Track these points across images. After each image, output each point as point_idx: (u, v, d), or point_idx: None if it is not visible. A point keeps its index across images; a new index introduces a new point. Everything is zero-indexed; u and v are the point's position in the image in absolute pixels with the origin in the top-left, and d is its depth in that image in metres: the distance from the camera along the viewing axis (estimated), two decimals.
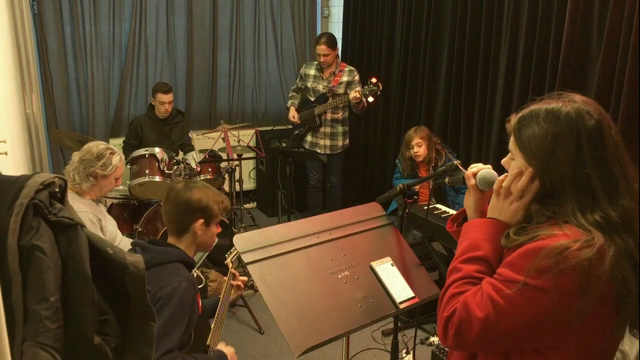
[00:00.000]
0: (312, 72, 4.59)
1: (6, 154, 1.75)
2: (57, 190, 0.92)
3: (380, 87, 4.15)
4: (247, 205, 5.35)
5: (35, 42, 4.25)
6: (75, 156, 2.77)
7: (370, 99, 4.19)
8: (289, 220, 4.21)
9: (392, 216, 2.98)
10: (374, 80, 4.15)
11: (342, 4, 5.25)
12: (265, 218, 5.32)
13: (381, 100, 4.85)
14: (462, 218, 1.51)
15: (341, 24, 5.33)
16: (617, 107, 2.83)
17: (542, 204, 1.21)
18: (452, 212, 3.43)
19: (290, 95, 4.80)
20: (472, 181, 1.42)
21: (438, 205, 3.54)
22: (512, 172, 1.26)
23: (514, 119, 1.28)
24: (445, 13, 4.14)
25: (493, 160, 3.67)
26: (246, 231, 4.38)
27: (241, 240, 1.58)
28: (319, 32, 5.75)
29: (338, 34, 5.44)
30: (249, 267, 1.53)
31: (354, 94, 4.20)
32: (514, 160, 1.27)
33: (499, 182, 1.30)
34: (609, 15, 2.86)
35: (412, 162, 3.89)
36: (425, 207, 3.48)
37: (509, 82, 3.57)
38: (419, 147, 3.82)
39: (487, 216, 1.31)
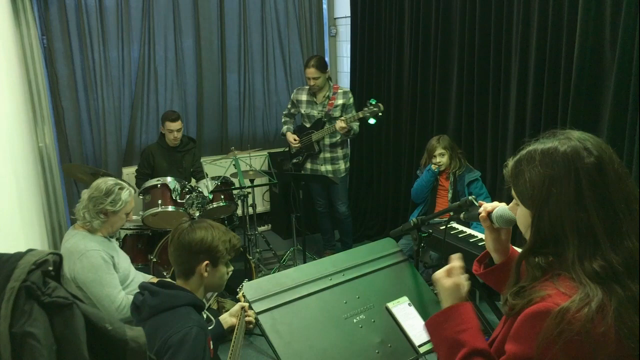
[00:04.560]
0: (304, 97, 4.40)
1: None
2: (50, 268, 0.88)
3: (381, 108, 4.01)
4: (261, 228, 5.31)
5: (45, 75, 4.28)
6: (85, 194, 2.75)
7: (372, 121, 4.03)
8: (303, 244, 4.15)
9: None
10: (373, 101, 4.01)
11: (350, 23, 5.21)
12: (280, 241, 5.27)
13: (392, 114, 4.78)
14: (487, 259, 1.47)
15: (349, 42, 5.28)
16: (635, 120, 2.74)
17: (539, 254, 1.14)
18: (470, 231, 3.35)
19: (283, 120, 4.62)
20: (487, 223, 1.36)
21: (455, 225, 3.46)
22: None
23: (510, 163, 1.23)
24: (453, 27, 4.08)
25: None
26: (261, 256, 4.41)
27: (251, 289, 1.52)
28: (327, 51, 5.72)
29: (346, 53, 5.42)
30: (260, 317, 1.48)
31: (340, 123, 4.05)
32: (519, 206, 1.21)
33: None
34: (621, 26, 2.78)
35: None
36: (443, 227, 3.40)
37: (521, 93, 3.50)
38: (441, 157, 3.79)
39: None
